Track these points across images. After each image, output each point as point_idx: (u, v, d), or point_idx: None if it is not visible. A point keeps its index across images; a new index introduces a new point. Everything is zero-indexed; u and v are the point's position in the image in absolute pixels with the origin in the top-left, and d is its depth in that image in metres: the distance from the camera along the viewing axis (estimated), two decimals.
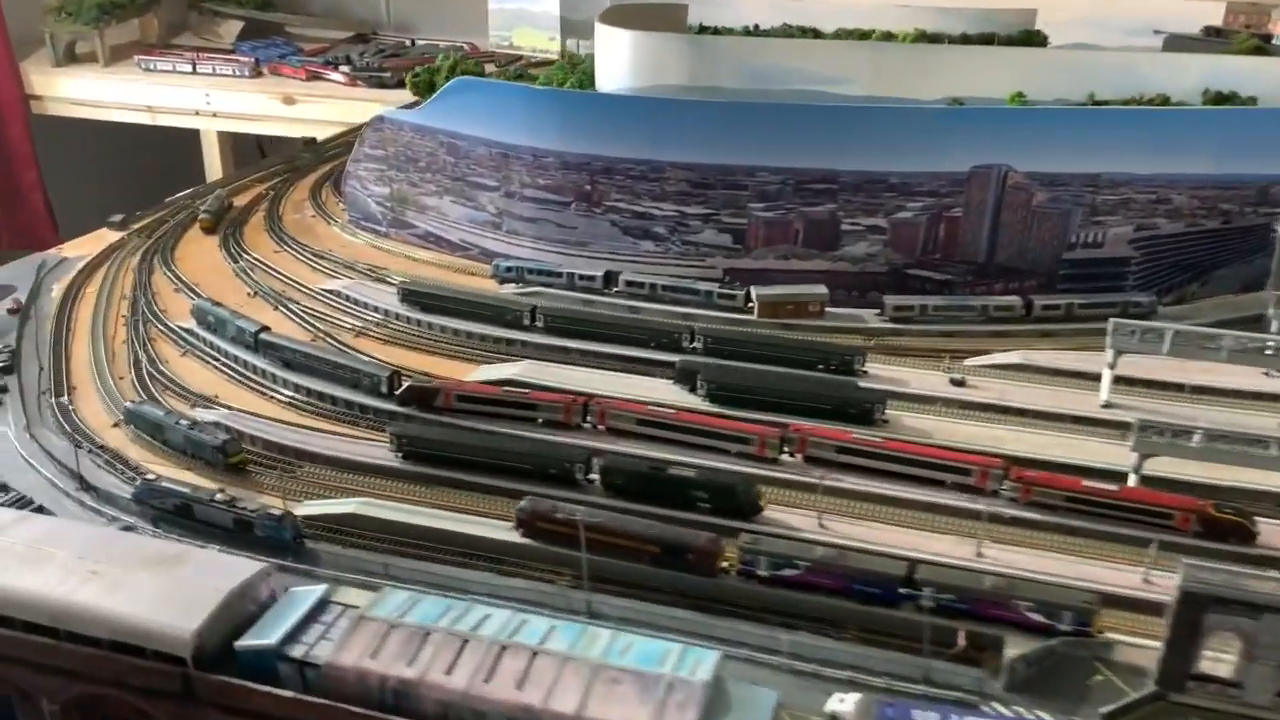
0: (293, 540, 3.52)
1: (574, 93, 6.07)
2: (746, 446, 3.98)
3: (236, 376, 4.53)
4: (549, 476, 3.82)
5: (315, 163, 7.21)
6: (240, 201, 6.62)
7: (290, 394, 4.38)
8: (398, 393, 4.24)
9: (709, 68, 5.80)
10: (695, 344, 4.73)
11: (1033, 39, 7.08)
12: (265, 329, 4.62)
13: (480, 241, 5.73)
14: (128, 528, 3.54)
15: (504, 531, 3.56)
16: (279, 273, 5.51)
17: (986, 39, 7.00)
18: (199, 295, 5.11)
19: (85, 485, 3.76)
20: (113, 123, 8.92)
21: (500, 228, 5.65)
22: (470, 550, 3.52)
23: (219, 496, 3.61)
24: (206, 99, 8.99)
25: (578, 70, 6.28)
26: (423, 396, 4.21)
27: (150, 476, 3.72)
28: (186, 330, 4.85)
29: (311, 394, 4.33)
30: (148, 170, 7.96)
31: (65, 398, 4.35)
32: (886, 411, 4.21)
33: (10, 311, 5.00)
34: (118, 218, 6.37)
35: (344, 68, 9.11)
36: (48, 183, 8.99)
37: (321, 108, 8.73)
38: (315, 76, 9.19)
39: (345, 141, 7.75)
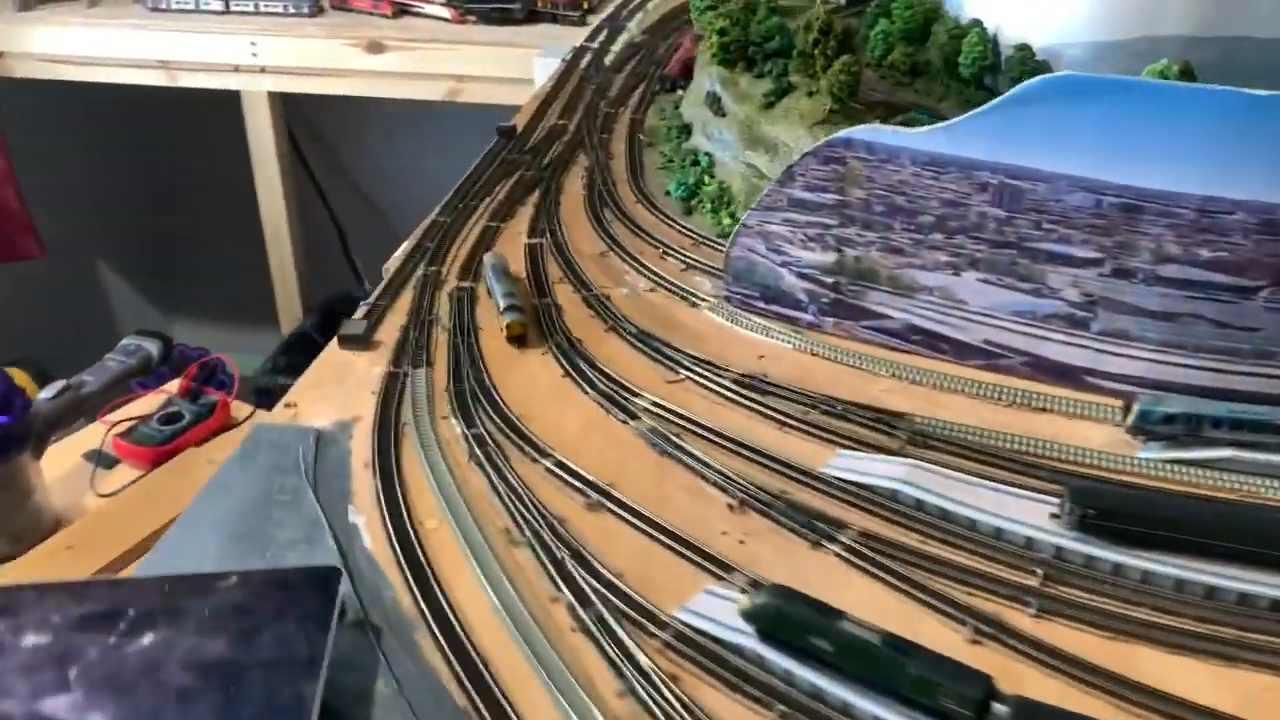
0: None
1: None
2: None
3: None
4: None
5: (541, 171, 4.28)
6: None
7: None
8: None
9: (1239, 7, 3.51)
10: None
11: None
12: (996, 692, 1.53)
13: (1033, 346, 3.27)
14: None
15: None
16: (717, 437, 2.04)
17: None
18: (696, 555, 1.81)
19: None
20: (102, 84, 5.96)
21: (1087, 325, 3.24)
22: None
23: None
24: (252, 49, 6.13)
25: (921, 10, 3.71)
26: None
27: None
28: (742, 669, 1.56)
29: None
30: (156, 152, 4.83)
31: None
32: None
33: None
34: (358, 327, 2.81)
35: None
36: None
37: (425, 58, 5.98)
38: (403, 11, 6.36)
39: (551, 126, 3.65)
